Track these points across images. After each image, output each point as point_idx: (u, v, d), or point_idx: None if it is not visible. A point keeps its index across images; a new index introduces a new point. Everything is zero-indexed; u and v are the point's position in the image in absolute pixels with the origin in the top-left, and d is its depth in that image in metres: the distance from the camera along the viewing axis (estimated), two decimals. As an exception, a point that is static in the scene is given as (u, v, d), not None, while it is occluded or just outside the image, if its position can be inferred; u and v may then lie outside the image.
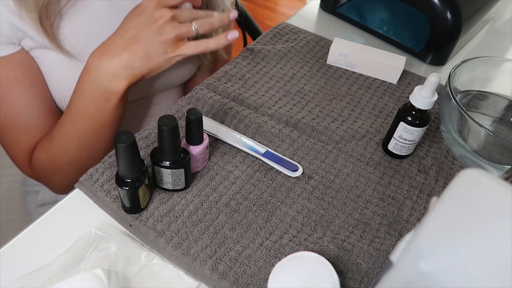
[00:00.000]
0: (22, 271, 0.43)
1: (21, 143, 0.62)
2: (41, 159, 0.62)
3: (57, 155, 0.61)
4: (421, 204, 0.53)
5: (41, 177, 0.67)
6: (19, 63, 0.59)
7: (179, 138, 0.46)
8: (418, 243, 0.25)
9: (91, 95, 0.56)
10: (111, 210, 0.48)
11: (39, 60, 0.60)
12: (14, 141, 0.63)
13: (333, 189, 0.53)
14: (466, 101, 0.64)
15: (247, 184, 0.52)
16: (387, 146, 0.57)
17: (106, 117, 0.57)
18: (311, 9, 0.90)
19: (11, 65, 0.58)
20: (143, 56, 0.53)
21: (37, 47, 0.58)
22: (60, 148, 0.60)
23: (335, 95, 0.67)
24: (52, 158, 0.62)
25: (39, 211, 0.79)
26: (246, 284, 0.43)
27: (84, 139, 0.59)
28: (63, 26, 0.59)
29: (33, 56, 0.60)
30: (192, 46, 0.55)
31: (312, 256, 0.41)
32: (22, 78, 0.59)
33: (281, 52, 0.73)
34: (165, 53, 0.54)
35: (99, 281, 0.40)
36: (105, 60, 0.53)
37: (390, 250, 0.47)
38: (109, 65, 0.53)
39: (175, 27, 0.54)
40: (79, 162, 0.61)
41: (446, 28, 0.72)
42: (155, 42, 0.53)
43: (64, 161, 0.62)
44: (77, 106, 0.57)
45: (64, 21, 0.59)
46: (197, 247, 0.45)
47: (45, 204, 0.79)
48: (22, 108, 0.60)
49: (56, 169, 0.63)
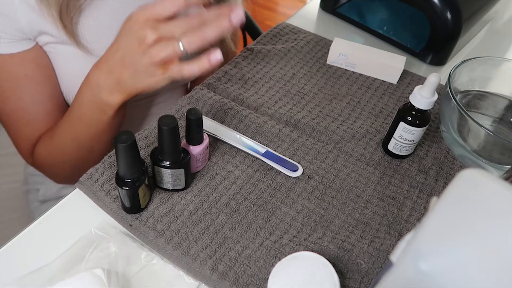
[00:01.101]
0: (22, 271, 0.43)
1: (25, 135, 0.65)
2: (41, 155, 0.65)
3: (56, 152, 0.63)
4: (421, 204, 0.53)
5: (40, 169, 0.70)
6: (31, 60, 0.60)
7: (179, 138, 0.46)
8: (418, 243, 0.25)
9: (89, 103, 0.56)
10: (111, 210, 0.48)
11: (52, 54, 0.61)
12: (19, 132, 0.65)
13: (333, 189, 0.53)
14: (466, 101, 0.64)
15: (247, 184, 0.52)
16: (387, 146, 0.57)
17: (103, 124, 0.58)
18: (311, 9, 0.90)
19: (23, 61, 0.59)
20: (133, 76, 0.52)
21: (53, 42, 0.59)
22: (58, 146, 0.62)
23: (335, 95, 0.67)
24: (50, 155, 0.64)
25: (41, 209, 0.80)
26: (246, 284, 0.43)
27: (81, 141, 0.61)
28: (81, 22, 0.59)
29: (47, 50, 0.61)
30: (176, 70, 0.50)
31: (312, 256, 0.41)
32: (32, 75, 0.60)
33: (281, 52, 0.73)
34: (152, 76, 0.51)
35: (99, 281, 0.40)
36: (102, 74, 0.54)
37: (390, 250, 0.47)
38: (105, 80, 0.54)
39: (160, 49, 0.49)
40: (76, 161, 0.63)
41: (446, 28, 0.72)
42: (142, 64, 0.50)
43: (61, 159, 0.64)
44: (77, 111, 0.59)
45: (82, 17, 0.59)
46: (197, 247, 0.45)
47: (46, 200, 0.80)
48: (29, 104, 0.62)
49: (54, 165, 0.66)
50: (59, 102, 0.65)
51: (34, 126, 0.64)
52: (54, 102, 0.64)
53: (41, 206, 0.80)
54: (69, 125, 0.60)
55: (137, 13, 0.50)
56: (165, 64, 0.50)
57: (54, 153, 0.63)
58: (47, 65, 0.62)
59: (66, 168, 0.66)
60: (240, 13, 0.48)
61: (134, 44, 0.50)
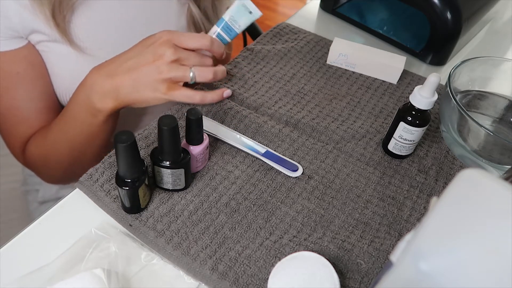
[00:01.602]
0: (22, 271, 0.42)
1: (17, 133, 0.65)
2: (33, 154, 0.65)
3: (48, 152, 0.63)
4: (421, 204, 0.53)
5: (32, 168, 0.70)
6: (23, 58, 0.60)
7: (179, 138, 0.46)
8: (418, 243, 0.25)
9: (82, 105, 0.57)
10: (111, 210, 0.48)
11: (45, 53, 0.61)
12: (11, 131, 0.65)
13: (333, 189, 0.53)
14: (466, 101, 0.64)
15: (247, 184, 0.52)
16: (387, 146, 0.57)
17: (94, 127, 0.58)
18: (311, 9, 0.90)
19: (15, 59, 0.59)
20: (133, 86, 0.53)
21: (46, 40, 0.60)
22: (51, 146, 0.62)
23: (335, 95, 0.67)
24: (43, 155, 0.64)
25: (40, 210, 0.80)
26: (246, 284, 0.43)
27: (73, 142, 0.61)
28: (73, 20, 0.60)
29: (39, 49, 0.61)
30: (184, 95, 0.54)
31: (312, 256, 0.41)
32: (24, 73, 0.60)
33: (281, 52, 0.73)
34: (154, 91, 0.53)
35: (99, 281, 0.40)
36: (100, 78, 0.54)
37: (390, 250, 0.47)
38: (102, 84, 0.54)
39: (172, 69, 0.52)
40: (68, 162, 0.64)
41: (446, 28, 0.72)
42: (148, 78, 0.52)
43: (53, 159, 0.64)
44: (71, 111, 0.59)
45: (75, 16, 0.60)
46: (197, 247, 0.45)
47: (45, 201, 0.80)
48: (21, 102, 0.62)
49: (46, 165, 0.66)
50: (51, 101, 0.65)
51: (27, 125, 0.64)
52: (46, 100, 0.64)
53: (40, 207, 0.80)
54: (63, 124, 0.61)
55: (163, 33, 0.53)
56: (170, 84, 0.53)
57: (46, 154, 0.63)
58: (39, 63, 0.62)
59: (58, 169, 0.66)
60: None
61: (149, 57, 0.52)
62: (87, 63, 0.58)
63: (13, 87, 0.60)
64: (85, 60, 0.61)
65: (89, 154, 0.62)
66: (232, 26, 0.59)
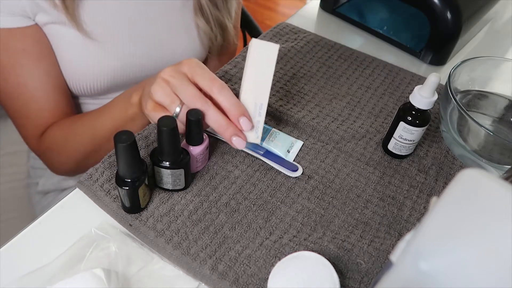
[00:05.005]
0: (22, 271, 0.42)
1: (28, 115, 0.65)
2: (55, 136, 0.65)
3: (69, 136, 0.64)
4: (421, 204, 0.53)
5: (45, 153, 0.68)
6: (30, 36, 0.60)
7: (179, 139, 0.45)
8: (418, 243, 0.25)
9: (122, 96, 0.59)
10: (111, 210, 0.48)
11: (51, 36, 0.62)
12: (22, 113, 0.65)
13: (333, 189, 0.53)
14: (466, 101, 0.64)
15: (247, 184, 0.52)
16: (387, 146, 0.57)
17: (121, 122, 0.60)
18: (311, 9, 0.90)
19: (21, 36, 0.60)
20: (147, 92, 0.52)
21: (52, 22, 0.60)
22: (75, 130, 0.63)
23: (335, 95, 0.67)
24: (64, 138, 0.64)
25: (42, 203, 0.80)
26: (246, 284, 0.43)
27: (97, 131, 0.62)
28: (81, 4, 0.60)
29: (46, 32, 0.62)
30: (156, 118, 0.48)
31: (312, 256, 0.41)
32: (30, 50, 0.61)
33: (281, 52, 0.73)
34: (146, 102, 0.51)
35: (99, 281, 0.40)
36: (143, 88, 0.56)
37: (390, 250, 0.47)
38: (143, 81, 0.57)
39: (162, 94, 0.48)
40: (84, 151, 0.64)
41: (446, 28, 0.72)
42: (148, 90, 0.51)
43: (73, 145, 0.64)
44: (110, 102, 0.61)
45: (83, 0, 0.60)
46: (197, 247, 0.45)
47: (46, 191, 0.80)
48: (29, 79, 0.62)
49: (63, 150, 0.65)
50: (59, 82, 0.65)
51: (36, 106, 0.64)
52: (53, 79, 0.64)
53: (42, 199, 0.80)
54: (95, 111, 0.63)
55: (191, 61, 0.49)
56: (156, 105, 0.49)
57: (68, 136, 0.64)
58: (46, 43, 0.62)
59: (73, 156, 0.66)
60: (242, 143, 0.48)
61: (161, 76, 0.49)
62: (93, 48, 0.59)
63: (19, 64, 0.61)
64: (90, 44, 0.62)
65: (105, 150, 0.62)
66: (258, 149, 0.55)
